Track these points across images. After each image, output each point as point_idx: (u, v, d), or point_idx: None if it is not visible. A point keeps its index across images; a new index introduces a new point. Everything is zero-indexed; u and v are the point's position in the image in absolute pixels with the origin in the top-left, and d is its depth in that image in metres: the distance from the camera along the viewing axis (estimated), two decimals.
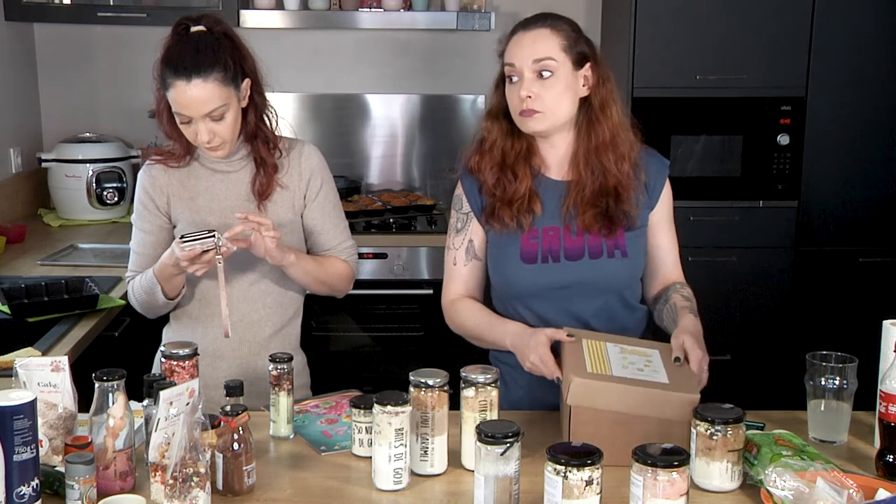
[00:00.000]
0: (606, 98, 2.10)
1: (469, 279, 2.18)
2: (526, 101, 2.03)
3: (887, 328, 1.86)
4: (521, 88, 2.04)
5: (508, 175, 2.11)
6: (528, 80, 2.04)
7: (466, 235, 2.17)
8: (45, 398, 1.74)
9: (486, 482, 1.56)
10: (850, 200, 3.72)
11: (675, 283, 2.19)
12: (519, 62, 2.04)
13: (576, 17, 2.17)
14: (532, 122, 2.06)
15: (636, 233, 2.13)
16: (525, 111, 2.05)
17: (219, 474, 1.68)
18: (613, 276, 2.11)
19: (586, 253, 2.10)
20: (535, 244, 2.11)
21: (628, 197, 2.09)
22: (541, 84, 2.03)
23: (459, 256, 2.18)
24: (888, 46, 3.63)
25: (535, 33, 2.06)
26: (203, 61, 2.08)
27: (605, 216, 2.08)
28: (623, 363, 1.87)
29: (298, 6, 3.88)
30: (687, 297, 2.13)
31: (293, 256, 2.19)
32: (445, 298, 2.21)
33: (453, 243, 2.19)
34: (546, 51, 2.04)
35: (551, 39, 2.05)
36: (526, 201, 2.10)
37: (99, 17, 3.78)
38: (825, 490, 1.54)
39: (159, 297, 2.21)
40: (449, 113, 4.13)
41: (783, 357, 3.72)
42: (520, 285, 2.12)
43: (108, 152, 3.87)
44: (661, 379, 1.83)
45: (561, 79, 2.04)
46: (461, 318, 2.17)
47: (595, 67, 2.09)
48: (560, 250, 2.10)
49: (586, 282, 2.10)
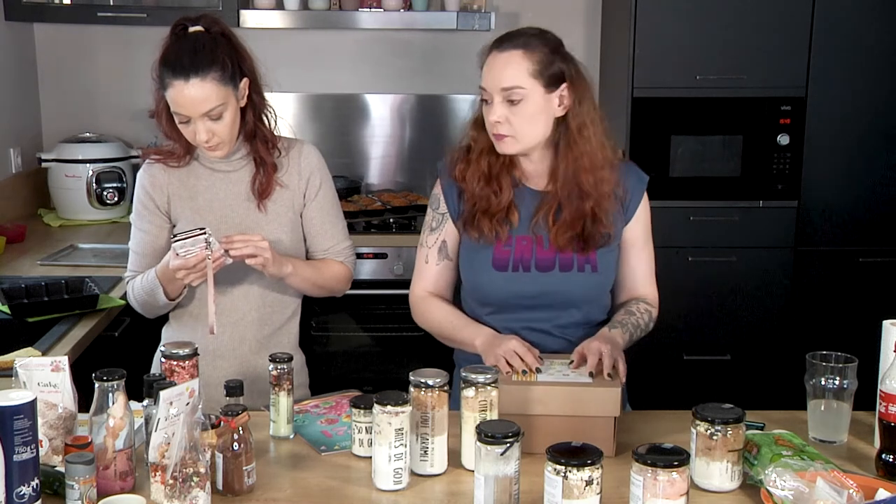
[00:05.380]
0: (584, 120, 2.06)
1: (439, 278, 2.20)
2: (496, 125, 2.03)
3: (887, 328, 1.86)
4: (491, 113, 2.03)
5: (494, 186, 2.11)
6: (497, 105, 2.02)
7: (440, 235, 2.19)
8: (45, 398, 1.74)
9: (486, 482, 1.56)
10: (850, 200, 3.72)
11: (637, 297, 2.19)
12: (489, 87, 2.04)
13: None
14: (503, 146, 2.07)
15: (609, 247, 2.14)
16: (496, 135, 2.05)
17: (219, 474, 1.68)
18: (582, 290, 2.13)
19: (557, 265, 2.11)
20: (507, 252, 2.12)
21: (606, 218, 2.09)
22: (510, 110, 2.02)
23: (432, 255, 2.20)
24: (888, 46, 3.63)
25: (507, 57, 2.02)
26: (201, 61, 2.08)
27: (581, 238, 2.09)
28: (549, 371, 1.91)
29: (298, 6, 3.87)
30: (631, 311, 2.13)
31: (290, 267, 2.19)
32: (414, 294, 2.23)
33: (426, 241, 2.21)
34: (513, 79, 2.01)
35: (521, 65, 2.01)
36: (505, 212, 2.11)
37: (99, 17, 3.78)
38: (825, 490, 1.54)
39: (161, 298, 2.21)
40: (449, 113, 4.13)
41: (783, 357, 3.72)
42: (489, 291, 2.14)
43: (108, 152, 3.87)
44: (585, 379, 1.86)
45: (531, 104, 2.02)
46: (431, 315, 2.19)
47: (571, 87, 2.05)
48: (531, 260, 2.12)
49: (555, 293, 2.12)
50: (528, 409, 1.81)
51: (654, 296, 2.23)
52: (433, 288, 2.21)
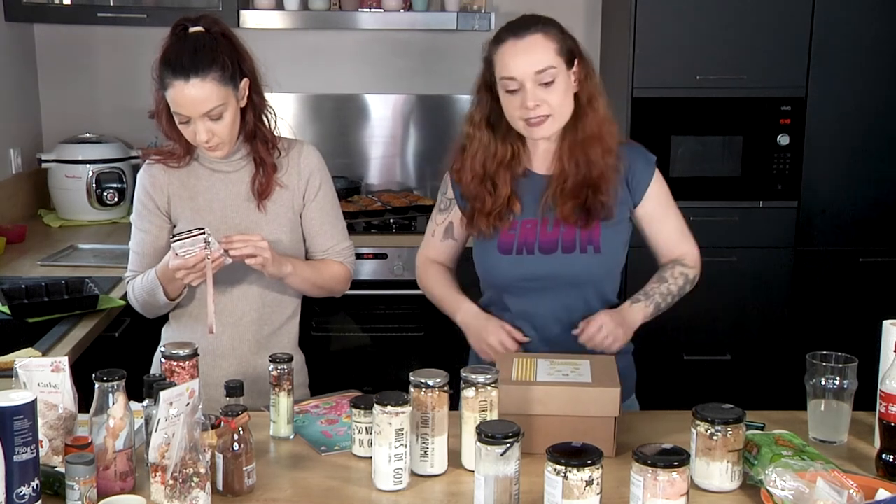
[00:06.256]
0: (593, 91, 2.11)
1: (442, 252, 2.29)
2: (534, 109, 2.03)
3: (887, 328, 1.86)
4: (527, 99, 2.03)
5: (488, 185, 2.14)
6: (531, 91, 2.03)
7: (448, 217, 2.26)
8: (45, 399, 1.74)
9: (486, 482, 1.56)
10: (850, 200, 3.72)
11: (674, 258, 2.22)
12: (520, 74, 2.03)
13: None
14: (542, 130, 2.07)
15: (613, 229, 2.14)
16: (533, 120, 2.05)
17: (219, 474, 1.68)
18: (584, 271, 2.14)
19: (560, 247, 2.13)
20: (511, 236, 2.15)
21: (607, 189, 2.11)
22: (545, 91, 2.04)
23: (438, 231, 2.28)
24: (888, 46, 3.63)
25: (530, 41, 2.03)
26: (201, 61, 2.08)
27: (583, 208, 2.10)
28: (549, 371, 1.91)
29: (298, 6, 3.88)
30: (664, 278, 2.18)
31: (290, 267, 2.19)
32: (418, 258, 2.33)
33: (435, 218, 2.29)
34: (546, 60, 2.03)
35: (547, 46, 2.04)
36: (505, 206, 2.13)
37: (99, 17, 3.78)
38: (825, 490, 1.54)
39: (161, 298, 2.21)
40: (449, 113, 4.13)
41: (783, 357, 3.72)
42: (496, 275, 2.19)
43: (108, 153, 3.87)
44: (585, 380, 1.86)
45: (562, 81, 2.05)
46: (429, 281, 2.29)
47: (581, 62, 2.10)
48: (535, 243, 2.14)
49: (559, 275, 2.13)
50: (528, 409, 1.81)
51: (691, 253, 2.24)
52: (435, 257, 2.30)
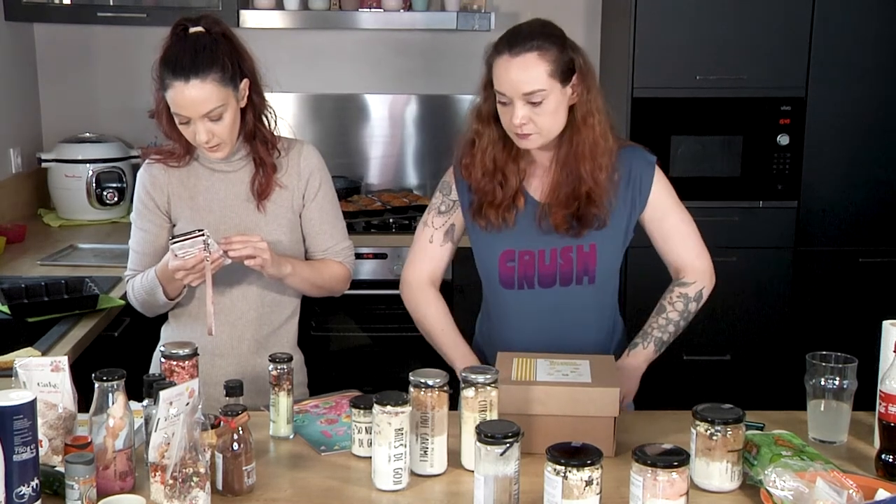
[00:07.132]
0: (590, 108, 2.08)
1: (439, 261, 2.24)
2: (521, 126, 2.03)
3: (887, 328, 1.86)
4: (514, 116, 2.03)
5: (498, 177, 2.13)
6: (519, 108, 2.02)
7: (450, 219, 2.23)
8: (45, 398, 1.74)
9: (485, 482, 1.56)
10: (850, 200, 3.73)
11: (678, 276, 2.20)
12: (509, 92, 2.02)
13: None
14: (528, 143, 2.08)
15: (610, 241, 2.15)
16: (520, 134, 2.05)
17: (219, 474, 1.68)
18: (580, 303, 2.17)
19: (558, 280, 2.16)
20: (511, 269, 2.16)
21: (600, 200, 2.10)
22: (533, 110, 2.02)
23: (437, 236, 2.22)
24: (888, 46, 3.63)
25: (522, 61, 2.00)
26: (201, 62, 2.08)
27: (575, 216, 2.11)
28: (549, 371, 1.91)
29: (298, 6, 3.87)
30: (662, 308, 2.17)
31: (289, 267, 2.19)
32: (410, 275, 2.25)
33: (433, 222, 2.23)
34: (534, 83, 2.00)
35: (538, 67, 2.00)
36: (511, 200, 2.14)
37: (99, 17, 3.78)
38: (825, 490, 1.54)
39: (160, 298, 2.21)
40: (449, 113, 4.13)
41: (783, 357, 3.72)
42: (500, 305, 2.21)
43: (108, 152, 3.87)
44: (584, 380, 1.86)
45: (552, 101, 2.03)
46: (426, 310, 2.23)
47: (581, 77, 2.06)
48: (534, 276, 2.16)
49: (558, 306, 2.16)
50: (528, 409, 1.81)
51: (694, 265, 2.19)
52: (430, 272, 2.24)
